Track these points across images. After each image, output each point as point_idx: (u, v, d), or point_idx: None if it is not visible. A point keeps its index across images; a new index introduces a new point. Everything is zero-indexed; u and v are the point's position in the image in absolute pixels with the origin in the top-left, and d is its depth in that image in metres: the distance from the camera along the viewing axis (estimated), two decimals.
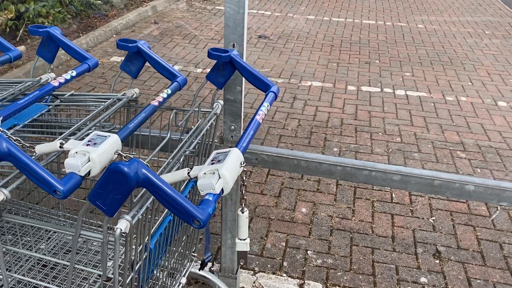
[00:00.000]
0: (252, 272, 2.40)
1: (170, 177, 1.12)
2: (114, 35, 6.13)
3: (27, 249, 1.72)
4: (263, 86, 1.52)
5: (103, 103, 1.63)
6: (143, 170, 0.94)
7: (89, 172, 1.07)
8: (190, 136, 1.44)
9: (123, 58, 5.38)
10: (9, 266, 1.66)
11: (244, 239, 1.16)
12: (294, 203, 2.97)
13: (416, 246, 2.69)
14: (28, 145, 1.20)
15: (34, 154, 1.21)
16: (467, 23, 7.20)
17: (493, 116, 4.31)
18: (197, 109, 1.52)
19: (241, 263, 1.18)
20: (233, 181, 1.03)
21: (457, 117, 4.25)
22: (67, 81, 1.63)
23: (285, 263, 2.49)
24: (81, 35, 5.81)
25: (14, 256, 1.76)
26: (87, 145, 1.10)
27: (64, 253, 1.88)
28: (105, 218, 1.01)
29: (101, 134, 1.16)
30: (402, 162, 3.46)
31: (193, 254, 1.85)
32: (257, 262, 2.48)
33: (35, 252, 1.76)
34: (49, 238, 1.92)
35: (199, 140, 1.47)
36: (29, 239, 1.86)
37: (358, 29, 6.64)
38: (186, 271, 1.80)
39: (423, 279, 2.46)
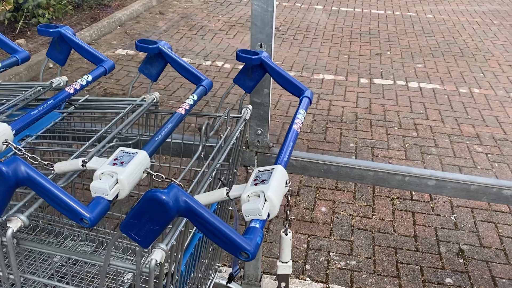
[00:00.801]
0: (274, 277, 2.34)
1: (207, 198, 1.05)
2: (118, 27, 6.03)
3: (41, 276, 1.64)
4: (296, 90, 1.44)
5: (122, 110, 1.53)
6: (184, 197, 0.85)
7: (117, 195, 0.99)
8: (221, 145, 1.37)
9: (128, 51, 5.32)
10: None
11: (286, 262, 1.08)
12: (313, 202, 2.91)
13: (439, 245, 2.63)
14: (45, 163, 1.09)
15: (52, 172, 1.11)
16: (474, 13, 7.08)
17: (507, 108, 4.23)
18: (226, 115, 1.44)
19: (282, 287, 1.11)
20: (279, 204, 0.95)
21: (471, 109, 4.17)
22: (82, 87, 1.53)
23: (307, 266, 2.43)
24: (84, 27, 5.70)
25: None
26: (114, 164, 1.01)
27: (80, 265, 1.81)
28: (139, 248, 0.93)
29: (128, 151, 1.06)
30: (419, 158, 3.39)
31: (217, 264, 1.78)
32: None
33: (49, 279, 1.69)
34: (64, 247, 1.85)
35: (229, 148, 1.39)
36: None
37: (368, 19, 6.53)
38: (211, 283, 1.73)
39: (448, 280, 2.41)
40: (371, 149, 3.47)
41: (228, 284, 1.73)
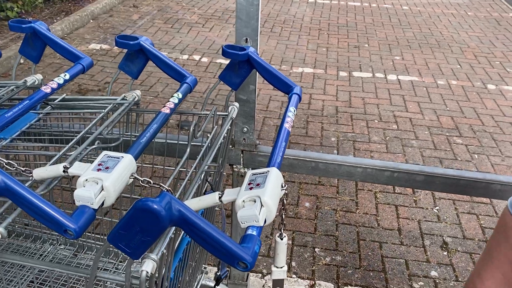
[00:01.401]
0: (260, 275, 2.30)
1: (198, 204, 0.99)
2: (91, 20, 5.88)
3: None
4: (284, 87, 1.40)
5: (102, 109, 1.45)
6: (177, 206, 0.79)
7: (102, 203, 0.92)
8: (208, 145, 1.31)
9: (102, 45, 5.18)
10: None
11: (281, 267, 1.04)
12: (297, 198, 2.88)
13: (423, 238, 2.64)
14: (23, 169, 1.02)
15: (30, 179, 1.03)
16: (449, 4, 7.14)
17: (484, 100, 4.27)
18: (213, 114, 1.39)
19: None
20: (276, 208, 0.91)
21: (449, 101, 4.20)
22: (59, 86, 1.44)
23: (293, 263, 2.40)
24: (55, 21, 5.54)
25: None
26: (98, 170, 0.94)
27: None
28: (128, 260, 0.88)
29: (112, 155, 1.00)
30: (400, 150, 3.39)
31: (203, 265, 1.73)
32: (264, 264, 2.39)
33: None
34: (40, 255, 1.77)
35: (217, 148, 1.34)
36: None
37: (344, 12, 6.52)
38: (198, 285, 1.68)
39: (433, 273, 2.41)
40: (353, 143, 3.46)
41: (216, 287, 1.68)
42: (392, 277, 2.36)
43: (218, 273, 2.13)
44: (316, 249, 2.50)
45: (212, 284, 1.78)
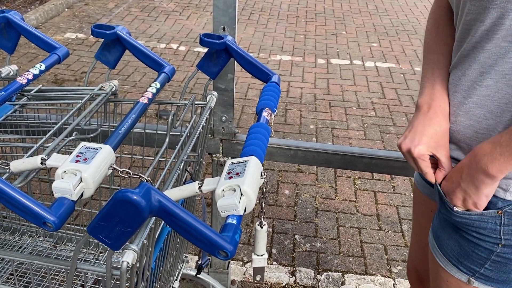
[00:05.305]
0: (241, 262, 2.32)
1: (178, 193, 0.99)
2: (66, 9, 5.77)
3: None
4: (262, 75, 1.40)
5: (79, 100, 1.44)
6: (157, 197, 0.80)
7: (81, 195, 0.92)
8: (187, 134, 1.31)
9: (78, 34, 5.10)
10: None
11: (262, 255, 1.05)
12: (276, 186, 2.90)
13: (401, 223, 2.68)
14: (0, 161, 1.00)
15: (7, 171, 1.01)
16: None
17: None
18: (191, 103, 1.38)
19: (257, 279, 1.08)
20: (256, 197, 0.92)
21: None
22: (35, 76, 1.42)
23: (274, 250, 2.42)
24: (29, 10, 5.42)
25: None
26: (76, 161, 0.94)
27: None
28: (109, 251, 0.88)
29: (91, 146, 0.99)
30: (379, 137, 3.43)
31: (184, 254, 1.74)
32: (245, 252, 2.40)
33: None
34: (20, 247, 1.75)
35: (196, 137, 1.34)
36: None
37: None
38: (179, 274, 1.69)
39: None
40: (331, 130, 3.48)
41: (197, 275, 1.69)
42: (371, 262, 2.40)
43: (199, 262, 2.14)
44: (296, 236, 2.53)
45: (193, 273, 1.79)
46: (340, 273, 2.32)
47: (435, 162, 1.04)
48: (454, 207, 0.98)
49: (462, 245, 1.01)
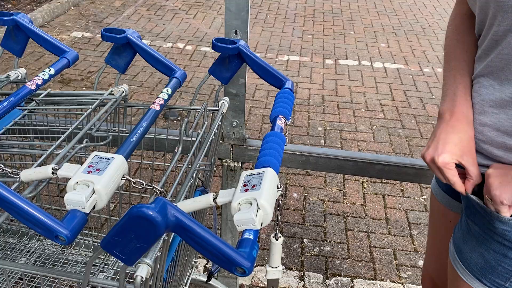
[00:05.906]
0: None
1: (193, 205, 0.97)
2: (72, 7, 5.75)
3: None
4: (276, 81, 1.37)
5: (89, 105, 1.41)
6: (173, 212, 0.77)
7: (94, 206, 0.90)
8: (200, 141, 1.29)
9: (84, 33, 5.08)
10: None
11: (276, 267, 1.03)
12: (285, 188, 2.87)
13: (411, 227, 2.65)
14: (10, 170, 0.98)
15: (18, 180, 0.99)
16: None
17: None
18: (204, 110, 1.36)
19: None
20: (272, 210, 0.89)
21: (435, 89, 4.21)
22: (45, 81, 1.40)
23: (282, 254, 2.40)
24: (35, 8, 5.40)
25: None
26: (89, 172, 0.91)
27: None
28: (123, 265, 0.85)
29: (103, 156, 0.97)
30: (387, 140, 3.40)
31: (193, 260, 1.72)
32: None
33: None
34: (28, 251, 1.74)
35: (208, 144, 1.31)
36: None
37: None
38: (188, 279, 1.67)
39: (421, 262, 2.43)
40: (340, 132, 3.46)
41: (208, 282, 1.67)
42: (381, 267, 2.37)
43: (207, 266, 2.12)
44: (304, 240, 2.51)
45: (202, 278, 1.77)
46: (349, 278, 2.29)
47: (463, 173, 1.01)
48: (502, 213, 0.93)
49: (487, 259, 0.99)
